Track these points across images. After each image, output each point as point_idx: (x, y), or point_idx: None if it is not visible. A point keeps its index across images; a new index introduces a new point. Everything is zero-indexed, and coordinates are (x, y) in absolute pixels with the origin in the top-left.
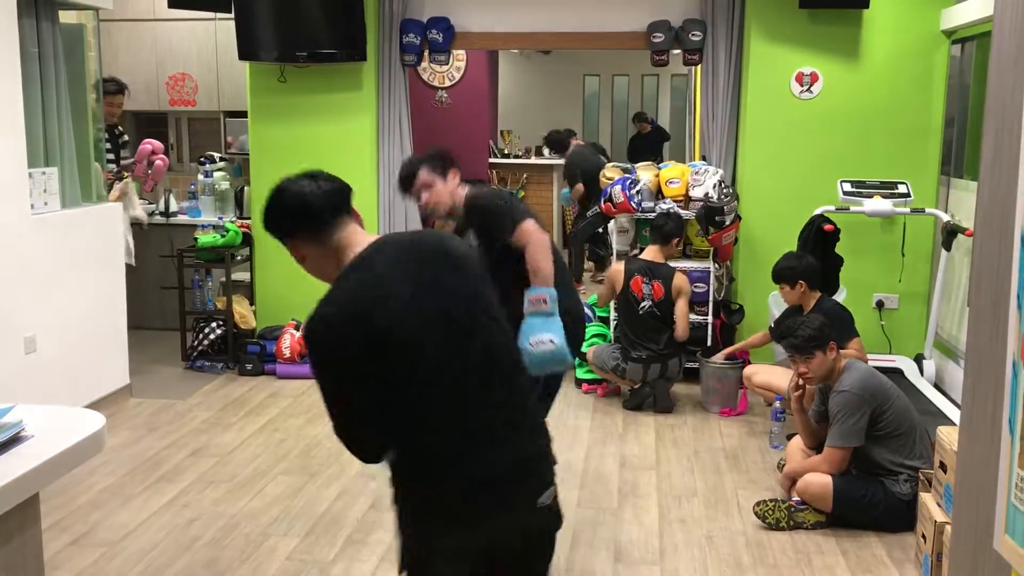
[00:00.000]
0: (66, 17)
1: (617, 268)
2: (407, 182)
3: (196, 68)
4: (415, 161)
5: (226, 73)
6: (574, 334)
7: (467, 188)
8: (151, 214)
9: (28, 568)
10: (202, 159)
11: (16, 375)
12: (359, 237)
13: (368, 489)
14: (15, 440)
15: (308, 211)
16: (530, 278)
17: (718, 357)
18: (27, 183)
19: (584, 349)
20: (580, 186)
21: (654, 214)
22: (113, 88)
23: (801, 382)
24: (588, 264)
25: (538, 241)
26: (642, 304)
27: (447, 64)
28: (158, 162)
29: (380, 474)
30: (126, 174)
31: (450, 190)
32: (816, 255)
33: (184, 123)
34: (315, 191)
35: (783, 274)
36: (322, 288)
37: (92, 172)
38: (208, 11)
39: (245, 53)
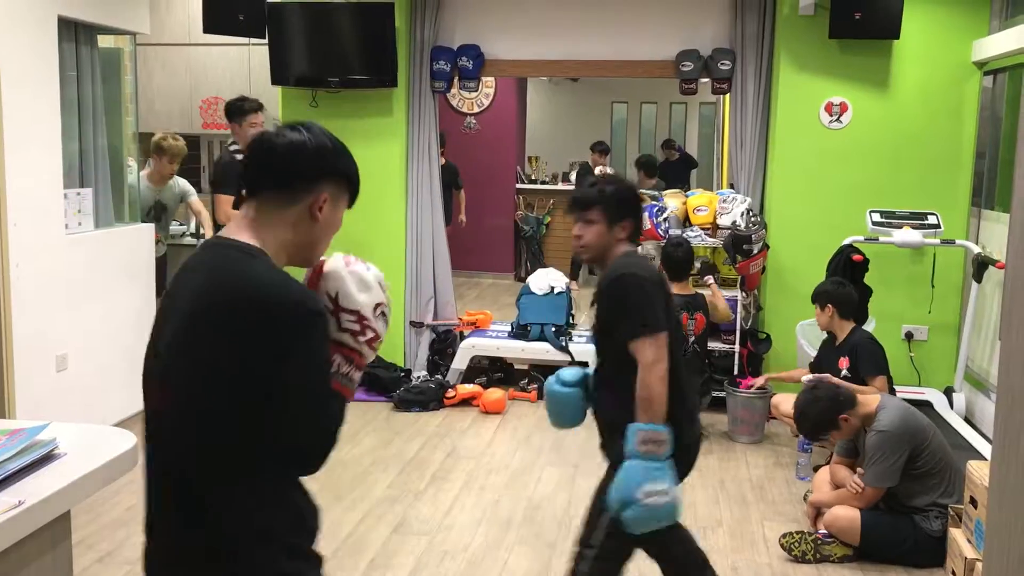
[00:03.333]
0: (104, 42)
1: None
2: (581, 204)
3: (229, 92)
4: (598, 195)
5: (258, 97)
6: (685, 462)
7: (626, 248)
8: (182, 235)
9: None
10: None
11: (48, 393)
12: None
13: (392, 513)
14: (49, 458)
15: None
16: (637, 409)
17: (758, 381)
18: (62, 203)
19: None
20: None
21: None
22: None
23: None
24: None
25: (651, 365)
26: (687, 345)
27: (476, 91)
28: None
29: (403, 497)
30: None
31: (610, 241)
32: None
33: (216, 146)
34: None
35: (816, 294)
36: None
37: (125, 192)
38: (242, 36)
39: (278, 78)
